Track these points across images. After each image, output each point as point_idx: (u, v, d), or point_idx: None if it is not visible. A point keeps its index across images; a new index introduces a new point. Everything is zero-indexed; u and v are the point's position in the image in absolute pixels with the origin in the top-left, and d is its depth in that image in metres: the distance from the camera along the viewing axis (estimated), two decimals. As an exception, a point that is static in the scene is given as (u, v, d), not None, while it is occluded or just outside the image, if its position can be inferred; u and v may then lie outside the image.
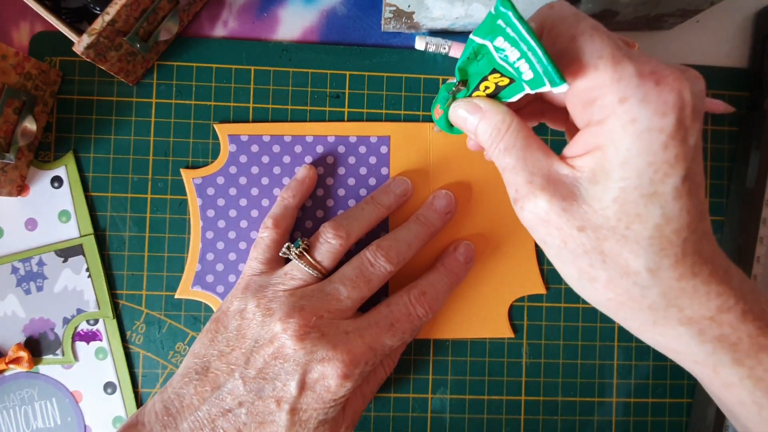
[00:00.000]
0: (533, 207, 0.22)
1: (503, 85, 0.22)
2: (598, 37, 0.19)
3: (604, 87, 0.19)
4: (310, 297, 0.29)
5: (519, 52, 0.19)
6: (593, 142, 0.20)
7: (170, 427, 0.28)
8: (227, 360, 0.28)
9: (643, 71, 0.19)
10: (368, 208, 0.32)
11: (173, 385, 0.29)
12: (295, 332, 0.27)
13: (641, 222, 0.20)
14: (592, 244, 0.21)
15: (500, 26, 0.19)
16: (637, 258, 0.20)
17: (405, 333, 0.30)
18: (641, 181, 0.19)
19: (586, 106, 0.20)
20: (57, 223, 0.34)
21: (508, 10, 0.18)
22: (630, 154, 0.19)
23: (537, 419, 0.36)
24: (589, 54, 0.19)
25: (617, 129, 0.19)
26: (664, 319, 0.22)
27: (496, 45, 0.20)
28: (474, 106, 0.23)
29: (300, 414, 0.27)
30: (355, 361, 0.27)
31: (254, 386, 0.28)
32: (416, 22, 0.33)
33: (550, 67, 0.19)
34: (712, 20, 0.37)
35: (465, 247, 0.34)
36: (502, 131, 0.23)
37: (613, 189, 0.20)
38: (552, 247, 0.22)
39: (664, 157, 0.19)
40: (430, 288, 0.31)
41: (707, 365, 0.23)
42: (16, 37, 0.35)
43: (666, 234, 0.20)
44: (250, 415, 0.27)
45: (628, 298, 0.22)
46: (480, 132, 0.23)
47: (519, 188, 0.22)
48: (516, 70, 0.20)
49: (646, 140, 0.19)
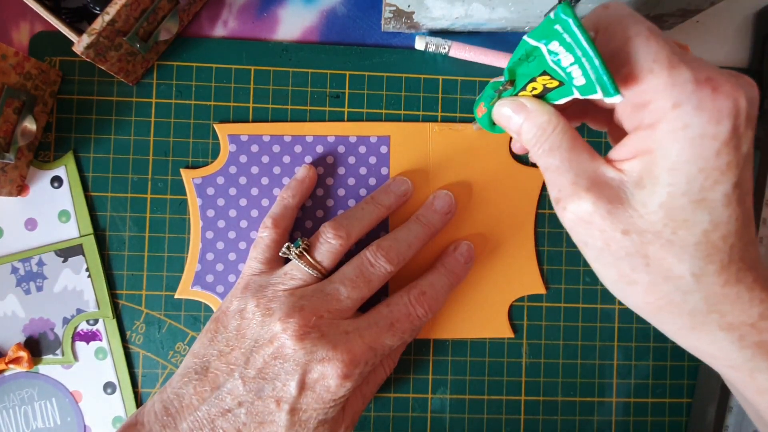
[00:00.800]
0: (576, 208, 0.22)
1: (551, 87, 0.22)
2: (654, 40, 0.19)
3: (657, 91, 0.19)
4: (310, 297, 0.29)
5: (573, 57, 0.19)
6: (642, 146, 0.20)
7: (170, 427, 0.28)
8: (227, 360, 0.28)
9: (699, 77, 0.19)
10: (368, 208, 0.32)
11: (173, 385, 0.29)
12: (294, 332, 0.27)
13: (688, 228, 0.20)
14: (635, 248, 0.21)
15: (557, 31, 0.19)
16: (682, 263, 0.20)
17: (405, 333, 0.30)
18: (690, 187, 0.19)
19: (636, 110, 0.20)
20: (57, 223, 0.34)
21: (569, 18, 0.18)
22: (680, 159, 0.19)
23: (537, 419, 0.36)
24: (645, 57, 0.19)
25: (668, 134, 0.19)
26: (703, 325, 0.22)
27: (550, 49, 0.20)
28: (520, 105, 0.23)
29: (300, 414, 0.27)
30: (355, 361, 0.27)
31: (254, 386, 0.28)
32: (416, 22, 0.33)
33: (606, 77, 0.19)
34: (712, 20, 0.37)
35: (465, 247, 0.34)
36: (547, 131, 0.23)
37: (661, 194, 0.20)
38: (593, 248, 0.22)
39: (716, 163, 0.19)
40: (430, 288, 0.31)
41: (744, 370, 0.22)
42: (16, 37, 0.35)
43: (713, 240, 0.20)
44: (250, 415, 0.27)
45: (668, 302, 0.22)
46: (524, 131, 0.23)
47: (563, 188, 0.22)
48: (567, 75, 0.20)
49: (699, 147, 0.19)
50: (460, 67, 0.36)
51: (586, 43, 0.18)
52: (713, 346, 0.22)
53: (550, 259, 0.36)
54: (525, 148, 0.24)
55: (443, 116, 0.36)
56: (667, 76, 0.19)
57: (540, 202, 0.36)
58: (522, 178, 0.35)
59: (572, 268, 0.36)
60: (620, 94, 0.19)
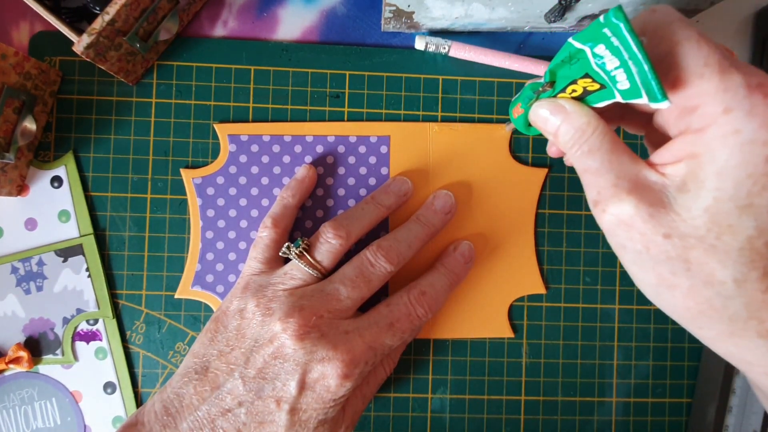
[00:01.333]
0: (617, 210, 0.21)
1: (592, 90, 0.22)
2: (705, 44, 0.19)
3: (708, 95, 0.19)
4: (310, 297, 0.29)
5: (619, 61, 0.19)
6: (688, 150, 0.20)
7: (170, 427, 0.28)
8: (227, 360, 0.28)
9: (751, 83, 0.19)
10: (368, 208, 0.32)
11: (173, 385, 0.29)
12: (294, 332, 0.27)
13: (732, 233, 0.20)
14: (676, 252, 0.21)
15: (605, 35, 0.19)
16: (725, 268, 0.20)
17: (405, 333, 0.30)
18: (737, 192, 0.19)
19: (684, 114, 0.20)
20: (57, 223, 0.34)
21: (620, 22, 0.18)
22: (728, 164, 0.19)
23: (537, 419, 0.36)
24: (695, 61, 0.19)
25: (717, 138, 0.19)
26: (742, 331, 0.21)
27: (596, 52, 0.20)
28: (558, 106, 0.23)
29: (300, 414, 0.27)
30: (355, 361, 0.27)
31: (254, 386, 0.28)
32: (416, 22, 0.33)
33: (654, 83, 0.19)
34: (712, 20, 0.37)
35: (465, 247, 0.34)
36: (587, 133, 0.22)
37: (706, 198, 0.20)
38: (631, 252, 0.22)
39: (765, 169, 0.19)
40: (430, 288, 0.31)
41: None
42: (15, 36, 0.35)
43: (757, 246, 0.20)
44: (250, 414, 0.27)
45: (709, 308, 0.21)
46: (561, 132, 0.23)
47: (602, 191, 0.22)
48: (611, 78, 0.20)
49: (748, 152, 0.19)
50: (460, 67, 0.36)
51: (636, 47, 0.18)
52: (750, 353, 0.22)
53: (550, 259, 0.36)
54: (561, 151, 0.24)
55: (443, 116, 0.36)
56: (719, 81, 0.19)
57: (540, 202, 0.36)
58: (522, 178, 0.35)
59: (572, 268, 0.36)
60: (668, 100, 0.19)
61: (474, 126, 0.35)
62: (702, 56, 0.19)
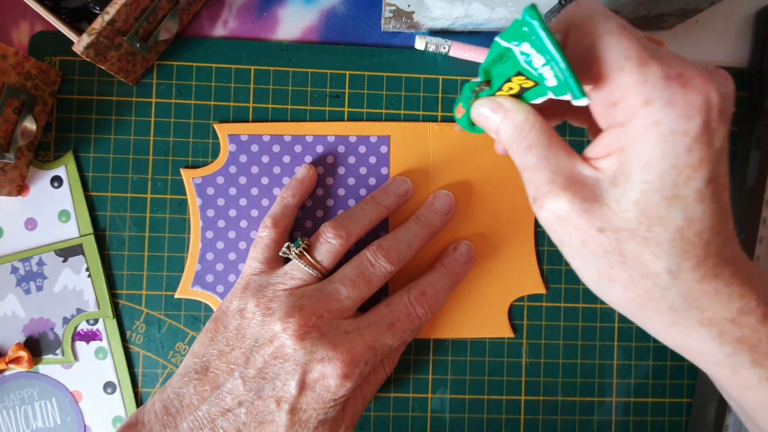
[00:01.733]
0: (553, 206, 0.22)
1: (527, 87, 0.22)
2: (625, 36, 0.19)
3: (628, 88, 0.19)
4: (310, 297, 0.29)
5: (544, 58, 0.19)
6: (615, 144, 0.20)
7: (170, 427, 0.28)
8: (227, 359, 0.28)
9: (670, 73, 0.19)
10: (368, 208, 0.32)
11: (173, 385, 0.29)
12: (294, 332, 0.27)
13: (663, 225, 0.20)
14: (611, 246, 0.21)
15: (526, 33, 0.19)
16: (658, 260, 0.20)
17: (405, 333, 0.30)
18: (663, 183, 0.19)
19: (609, 107, 0.20)
20: (57, 223, 0.34)
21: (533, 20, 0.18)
22: (652, 156, 0.19)
23: (537, 419, 0.36)
24: (616, 54, 0.19)
25: (640, 131, 0.19)
26: (684, 320, 0.22)
27: (522, 50, 0.20)
28: (497, 104, 0.23)
29: (300, 414, 0.27)
30: (355, 361, 0.27)
31: (254, 386, 0.28)
32: (416, 22, 0.33)
33: (572, 80, 0.19)
34: (712, 20, 0.37)
35: (465, 247, 0.34)
36: (525, 130, 0.22)
37: (634, 191, 0.20)
38: (570, 247, 0.22)
39: (688, 160, 0.19)
40: (430, 288, 0.31)
41: (726, 366, 0.22)
42: (15, 36, 0.35)
43: (688, 236, 0.20)
44: (250, 414, 0.27)
45: (648, 299, 0.22)
46: (502, 130, 0.23)
47: (539, 187, 0.22)
48: (540, 76, 0.20)
49: (670, 143, 0.19)
50: (460, 67, 0.36)
51: (551, 46, 0.18)
52: (695, 342, 0.22)
53: (550, 259, 0.36)
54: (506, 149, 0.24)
55: (443, 116, 0.36)
56: (638, 73, 0.19)
57: (540, 202, 0.36)
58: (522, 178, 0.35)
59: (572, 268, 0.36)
60: (586, 97, 0.19)
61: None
62: (622, 49, 0.19)
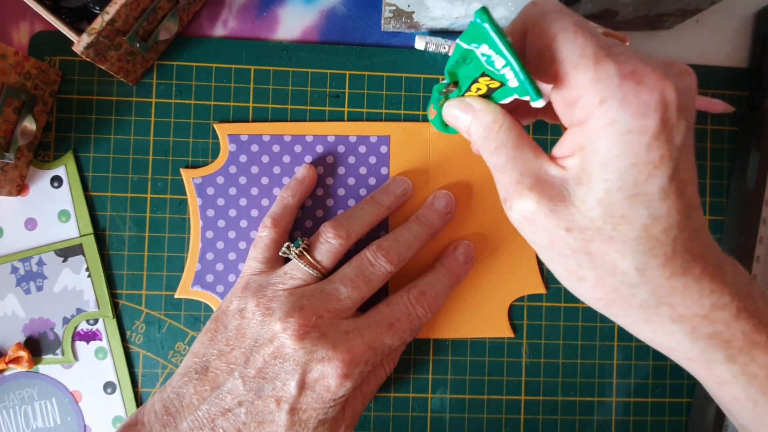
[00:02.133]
0: (521, 207, 0.22)
1: (494, 87, 0.22)
2: (581, 34, 0.19)
3: (585, 87, 0.19)
4: (310, 296, 0.29)
5: (504, 60, 0.19)
6: (577, 143, 0.20)
7: (170, 427, 0.28)
8: (227, 359, 0.28)
9: (624, 71, 0.18)
10: (368, 208, 0.32)
11: (173, 385, 0.29)
12: (294, 332, 0.27)
13: (627, 223, 0.20)
14: (578, 245, 0.21)
15: (483, 35, 0.19)
16: (625, 258, 0.20)
17: (405, 332, 0.30)
18: (624, 182, 0.19)
19: (568, 106, 0.20)
20: (57, 223, 0.34)
21: (484, 22, 0.18)
22: (610, 155, 0.19)
23: (537, 419, 0.36)
24: (571, 53, 0.19)
25: (597, 130, 0.19)
26: (656, 317, 0.22)
27: (482, 51, 0.20)
28: (466, 105, 0.23)
29: (300, 414, 0.27)
30: (355, 361, 0.27)
31: (254, 386, 0.28)
32: (416, 22, 0.33)
33: (527, 82, 0.19)
34: (712, 20, 0.37)
35: (465, 247, 0.34)
36: (493, 130, 0.22)
37: (597, 191, 0.20)
38: (540, 246, 0.22)
39: (648, 157, 0.19)
40: (430, 288, 0.31)
41: (700, 362, 0.23)
42: (15, 36, 0.35)
43: (654, 234, 0.20)
44: (250, 414, 0.27)
45: (618, 297, 0.22)
46: (472, 131, 0.23)
47: (508, 188, 0.22)
48: (502, 77, 0.20)
49: (627, 142, 0.19)
50: (460, 67, 0.36)
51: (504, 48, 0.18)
52: (668, 339, 0.22)
53: (550, 259, 0.36)
54: None
55: (443, 116, 0.36)
56: (593, 72, 0.19)
57: (540, 201, 0.36)
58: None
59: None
60: (542, 98, 0.19)
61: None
62: (578, 47, 0.19)
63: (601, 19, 0.34)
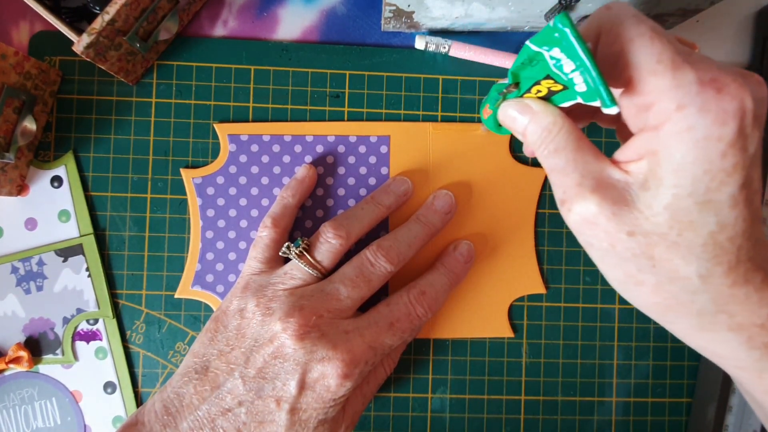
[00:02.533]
0: (582, 209, 0.21)
1: (556, 90, 0.22)
2: (658, 40, 0.19)
3: (662, 93, 0.19)
4: (310, 296, 0.29)
5: (574, 64, 0.19)
6: (647, 148, 0.20)
7: (170, 427, 0.28)
8: (227, 359, 0.28)
9: (704, 78, 0.19)
10: (368, 208, 0.32)
11: (173, 385, 0.29)
12: (294, 332, 0.27)
13: (694, 229, 0.20)
14: (641, 249, 0.21)
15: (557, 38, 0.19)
16: (689, 265, 0.20)
17: (405, 332, 0.30)
18: (696, 188, 0.19)
19: (641, 111, 0.20)
20: (57, 223, 0.34)
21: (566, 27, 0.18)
22: (685, 161, 0.19)
23: (537, 419, 0.36)
24: (648, 58, 0.19)
25: (673, 136, 0.19)
26: (712, 325, 0.22)
27: (552, 55, 0.20)
28: (525, 106, 0.23)
29: (300, 414, 0.27)
30: (355, 361, 0.27)
31: (254, 386, 0.28)
32: (416, 22, 0.33)
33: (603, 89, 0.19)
34: (712, 20, 0.37)
35: (465, 246, 0.34)
36: (552, 132, 0.22)
37: (666, 195, 0.20)
38: (598, 249, 0.22)
39: (721, 165, 0.19)
40: (430, 288, 0.31)
41: (752, 371, 0.22)
42: (15, 36, 0.35)
43: (720, 241, 0.20)
44: (250, 414, 0.27)
45: (676, 303, 0.22)
46: (529, 132, 0.23)
47: (567, 190, 0.22)
48: (570, 81, 0.20)
49: (703, 148, 0.19)
50: (460, 67, 0.36)
51: (583, 54, 0.18)
52: (722, 347, 0.22)
53: (550, 259, 0.36)
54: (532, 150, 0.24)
55: (443, 116, 0.36)
56: (671, 78, 0.19)
57: (540, 201, 0.36)
58: (522, 178, 0.35)
59: (572, 268, 0.36)
60: (616, 106, 0.19)
61: (474, 126, 0.35)
62: (655, 53, 0.19)
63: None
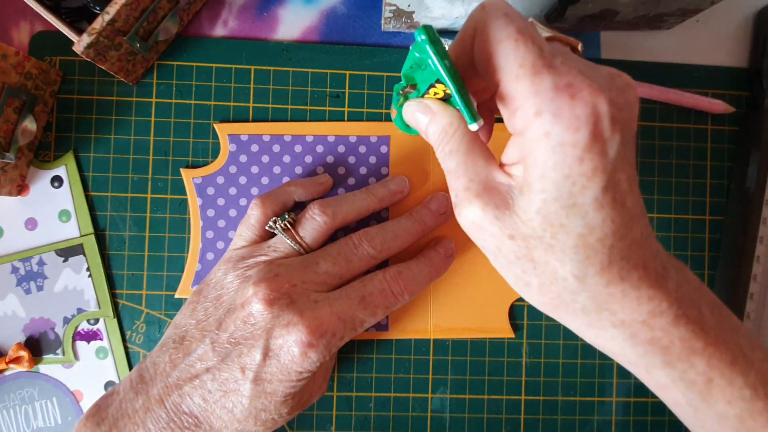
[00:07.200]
0: (468, 213, 0.22)
1: (448, 93, 0.22)
2: (522, 43, 0.19)
3: (523, 98, 0.19)
4: (288, 266, 0.28)
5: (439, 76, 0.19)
6: (518, 152, 0.21)
7: (142, 393, 0.27)
8: (202, 327, 0.28)
9: (559, 84, 0.18)
10: (360, 196, 0.32)
11: (151, 355, 0.29)
12: (265, 296, 0.27)
13: (565, 232, 0.20)
14: (522, 252, 0.21)
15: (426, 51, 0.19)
16: (564, 266, 0.21)
17: (377, 308, 0.29)
18: (560, 193, 0.19)
19: (511, 115, 0.20)
20: (57, 223, 0.34)
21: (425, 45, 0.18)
22: (546, 167, 0.19)
23: (537, 419, 0.36)
24: (512, 62, 0.19)
25: (534, 142, 0.19)
26: (598, 322, 0.22)
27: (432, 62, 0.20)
28: (425, 106, 0.24)
29: (264, 384, 0.27)
30: (321, 329, 0.27)
31: (222, 351, 0.27)
32: (416, 22, 0.34)
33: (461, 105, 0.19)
34: (712, 20, 0.37)
35: (446, 242, 0.34)
36: (448, 134, 0.23)
37: (536, 200, 0.20)
38: (489, 252, 0.23)
39: (580, 170, 0.19)
40: (406, 269, 0.31)
41: (640, 367, 0.23)
42: (16, 36, 0.35)
43: (590, 243, 0.20)
44: (216, 382, 0.27)
45: (561, 302, 0.22)
46: (430, 132, 0.24)
47: (458, 193, 0.22)
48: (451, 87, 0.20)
49: (560, 154, 0.19)
50: (460, 67, 0.36)
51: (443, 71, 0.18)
52: (610, 343, 0.23)
53: (550, 259, 0.36)
54: None
55: (443, 116, 0.35)
56: (530, 84, 0.19)
57: (540, 201, 0.36)
58: None
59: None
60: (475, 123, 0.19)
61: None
62: (518, 57, 0.19)
63: (601, 19, 0.34)
